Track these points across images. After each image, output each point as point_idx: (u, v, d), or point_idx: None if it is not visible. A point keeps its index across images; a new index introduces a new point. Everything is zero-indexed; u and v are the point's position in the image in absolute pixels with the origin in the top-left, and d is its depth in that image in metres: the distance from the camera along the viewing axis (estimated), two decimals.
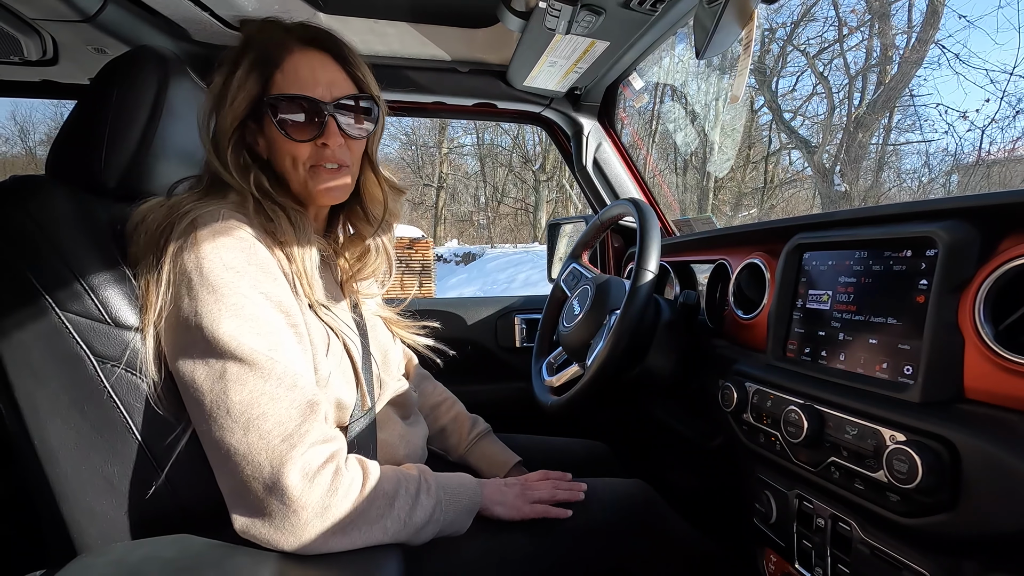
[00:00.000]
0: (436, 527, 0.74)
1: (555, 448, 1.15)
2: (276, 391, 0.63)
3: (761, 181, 12.52)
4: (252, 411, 0.61)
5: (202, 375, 0.62)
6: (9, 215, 0.68)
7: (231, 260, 0.65)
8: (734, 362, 0.88)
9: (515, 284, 10.27)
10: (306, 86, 0.74)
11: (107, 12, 1.01)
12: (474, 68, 1.45)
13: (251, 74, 0.73)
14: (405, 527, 0.69)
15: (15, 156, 17.79)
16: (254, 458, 0.61)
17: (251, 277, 0.66)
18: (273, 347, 0.64)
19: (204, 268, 0.64)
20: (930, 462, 0.54)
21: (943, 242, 0.59)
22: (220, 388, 0.61)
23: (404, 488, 0.71)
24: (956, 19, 11.62)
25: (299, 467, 0.61)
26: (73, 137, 0.78)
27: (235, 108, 0.73)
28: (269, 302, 0.66)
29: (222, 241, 0.66)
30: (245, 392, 0.62)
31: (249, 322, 0.64)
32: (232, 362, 0.62)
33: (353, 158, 0.80)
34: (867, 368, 0.67)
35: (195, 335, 0.63)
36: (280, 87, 0.73)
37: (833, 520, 0.71)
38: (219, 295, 0.63)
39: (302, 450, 0.62)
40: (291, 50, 0.74)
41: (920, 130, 10.53)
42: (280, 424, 0.62)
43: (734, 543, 0.99)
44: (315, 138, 0.74)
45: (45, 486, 0.67)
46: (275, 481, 0.60)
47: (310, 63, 0.75)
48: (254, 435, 0.61)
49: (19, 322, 0.66)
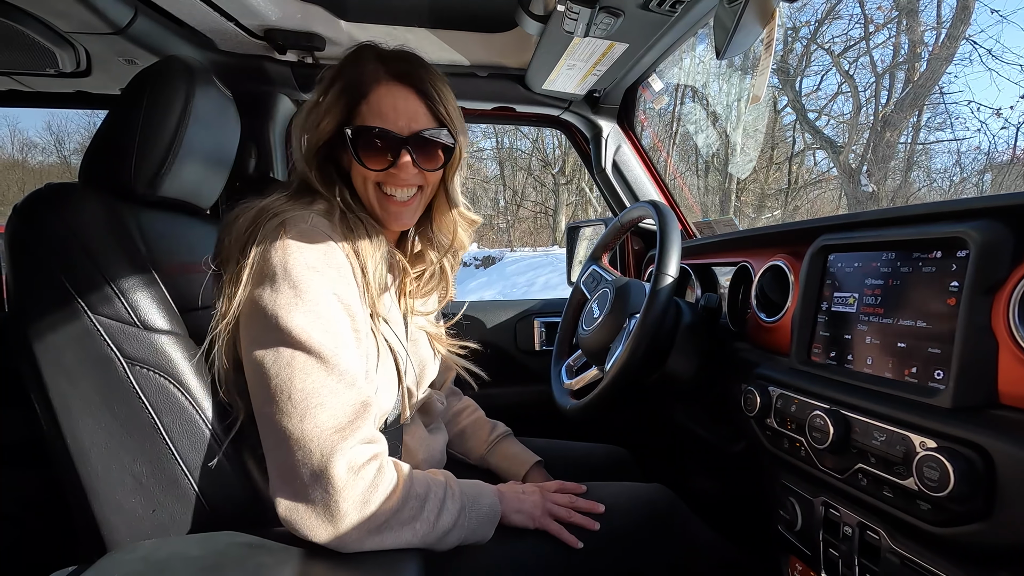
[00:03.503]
0: (461, 533, 0.75)
1: (576, 453, 1.15)
2: (336, 386, 0.67)
3: (785, 182, 12.31)
4: (312, 400, 0.65)
5: (271, 360, 0.66)
6: (44, 221, 0.70)
7: (313, 260, 0.70)
8: (757, 366, 0.87)
9: (535, 287, 10.25)
10: (387, 119, 0.78)
11: (137, 24, 1.05)
12: (493, 72, 1.46)
13: (339, 101, 0.79)
14: (433, 530, 0.71)
15: (51, 165, 18.41)
16: (306, 444, 0.64)
17: (328, 278, 0.70)
18: (338, 345, 0.68)
19: (288, 264, 0.68)
20: (963, 470, 0.52)
21: (975, 242, 0.57)
22: (287, 375, 0.65)
23: (433, 492, 0.73)
24: (988, 14, 11.25)
25: (346, 459, 0.65)
26: (105, 145, 0.80)
27: (322, 129, 0.79)
28: (340, 304, 0.71)
29: (307, 242, 0.71)
30: (308, 382, 0.65)
31: (322, 320, 0.68)
32: (301, 352, 0.66)
33: (427, 185, 0.84)
34: (895, 372, 0.65)
35: (271, 324, 0.67)
36: (363, 117, 0.79)
37: (861, 528, 0.69)
38: (298, 291, 0.68)
39: (351, 444, 0.65)
40: (379, 83, 0.79)
41: (951, 128, 10.23)
42: (335, 417, 0.65)
43: (758, 550, 0.97)
44: (387, 168, 0.79)
45: (77, 484, 0.69)
46: (323, 469, 0.64)
47: (393, 97, 0.79)
48: (310, 423, 0.64)
49: (53, 325, 0.68)
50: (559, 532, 0.83)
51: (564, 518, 0.84)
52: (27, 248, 0.71)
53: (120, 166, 0.78)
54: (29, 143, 19.47)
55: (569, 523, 0.84)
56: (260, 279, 0.69)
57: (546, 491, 0.88)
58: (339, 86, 0.79)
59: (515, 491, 0.86)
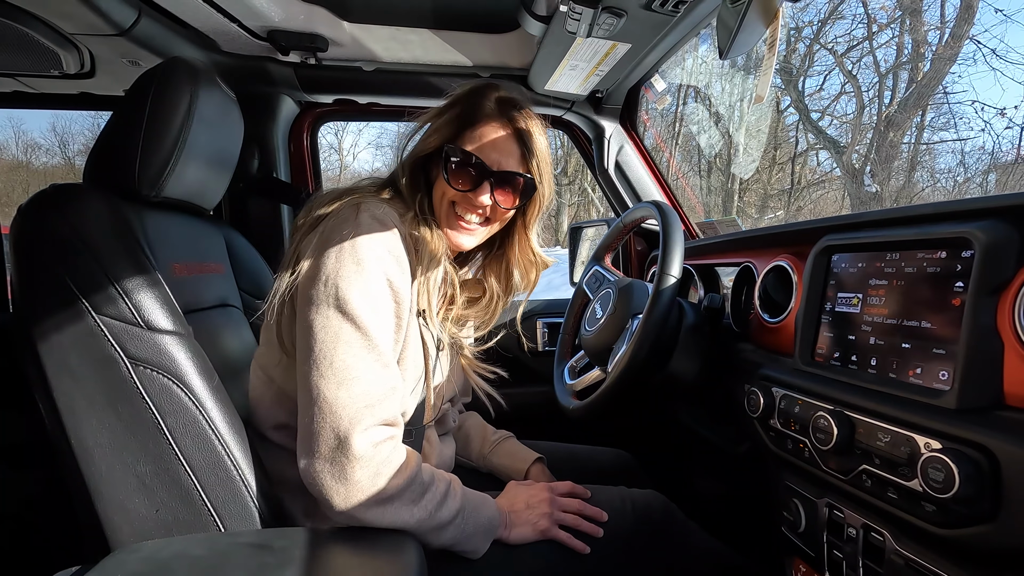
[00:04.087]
0: (456, 532, 0.76)
1: (580, 456, 1.15)
2: (374, 364, 0.72)
3: (788, 182, 12.28)
4: (351, 372, 0.70)
5: (320, 326, 0.71)
6: (49, 221, 0.71)
7: (377, 242, 0.76)
8: (760, 366, 0.86)
9: (537, 288, 10.25)
10: (483, 151, 0.85)
11: (141, 25, 1.05)
12: (495, 73, 1.46)
13: (451, 123, 0.86)
14: (430, 518, 0.74)
15: (55, 166, 18.47)
16: (337, 411, 0.69)
17: (387, 263, 0.76)
18: (382, 327, 0.75)
19: (357, 242, 0.74)
20: (968, 471, 0.52)
21: (980, 242, 0.57)
22: (332, 343, 0.71)
23: (436, 484, 0.77)
24: (992, 13, 11.19)
25: (369, 433, 0.70)
26: (109, 146, 0.81)
27: (428, 142, 0.87)
28: (391, 290, 0.76)
29: (377, 225, 0.77)
30: (351, 354, 0.71)
31: (372, 299, 0.74)
32: (349, 325, 0.71)
33: (495, 220, 0.90)
34: (900, 373, 0.65)
35: (329, 292, 0.72)
36: (464, 142, 0.86)
37: (865, 530, 0.68)
38: (360, 267, 0.73)
39: (375, 421, 0.71)
40: (488, 119, 0.86)
41: (955, 128, 10.17)
42: (367, 393, 0.71)
43: (762, 551, 0.97)
44: (467, 191, 0.85)
45: (81, 484, 0.69)
46: (347, 436, 0.68)
47: (495, 133, 0.86)
48: (344, 392, 0.69)
49: (57, 325, 0.68)
50: (567, 540, 0.84)
51: (572, 525, 0.85)
52: (31, 249, 0.71)
53: (124, 167, 0.79)
54: (33, 144, 19.51)
55: (576, 530, 0.84)
56: (327, 246, 0.74)
57: (556, 492, 0.89)
58: (456, 111, 0.87)
59: (515, 506, 0.86)
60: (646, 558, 0.87)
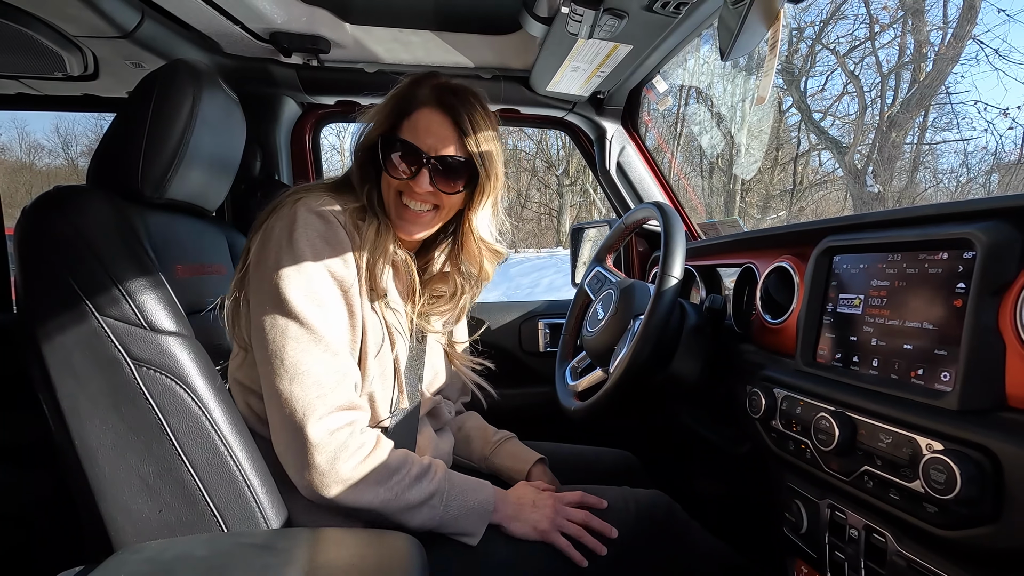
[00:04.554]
0: (431, 513, 0.79)
1: (581, 456, 1.15)
2: (322, 355, 0.76)
3: (790, 183, 12.26)
4: (300, 366, 0.74)
5: (269, 326, 0.75)
6: (53, 223, 0.71)
7: (315, 235, 0.78)
8: (762, 367, 0.86)
9: (539, 289, 10.24)
10: (418, 138, 0.85)
11: (144, 28, 1.05)
12: (497, 74, 1.46)
13: (388, 116, 0.88)
14: (396, 499, 0.77)
15: (58, 167, 18.51)
16: (292, 404, 0.74)
17: (324, 253, 0.78)
18: (328, 318, 0.77)
19: (294, 236, 0.77)
20: (970, 472, 0.52)
21: (982, 244, 0.57)
22: (281, 341, 0.75)
23: (407, 468, 0.80)
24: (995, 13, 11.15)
25: (324, 422, 0.74)
26: (112, 148, 0.81)
27: (369, 135, 0.89)
28: (334, 280, 0.79)
29: (313, 219, 0.79)
30: (298, 350, 0.75)
31: (314, 294, 0.77)
32: (294, 322, 0.75)
33: (444, 207, 0.89)
34: (901, 374, 0.65)
35: (272, 292, 0.76)
36: (402, 131, 0.87)
37: (867, 531, 0.68)
38: (298, 263, 0.76)
39: (329, 409, 0.75)
40: (422, 106, 0.86)
41: (958, 128, 10.15)
42: (318, 384, 0.75)
43: (763, 552, 0.97)
44: (407, 179, 0.85)
45: (84, 484, 0.69)
46: (302, 427, 0.73)
47: (430, 120, 0.86)
48: (297, 386, 0.74)
49: (61, 326, 0.69)
50: (566, 548, 0.83)
51: (574, 535, 0.84)
52: (35, 250, 0.71)
53: (127, 169, 0.79)
54: (37, 146, 19.56)
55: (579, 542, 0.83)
56: (266, 245, 0.78)
57: (562, 501, 0.87)
58: (394, 101, 0.88)
59: (521, 500, 0.86)
60: (649, 558, 0.87)
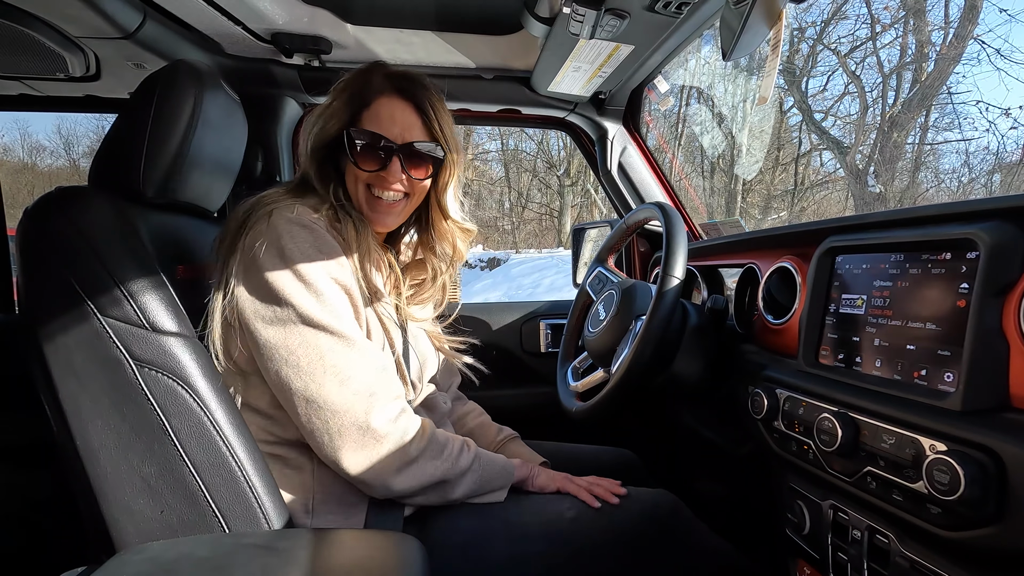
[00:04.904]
0: (476, 478, 0.85)
1: (583, 456, 1.15)
2: (358, 357, 0.78)
3: (791, 183, 12.25)
4: (343, 372, 0.76)
5: (298, 343, 0.75)
6: (54, 223, 0.71)
7: (306, 247, 0.77)
8: (764, 368, 0.86)
9: (540, 289, 10.25)
10: (383, 127, 0.86)
11: (145, 29, 1.06)
12: (498, 75, 1.46)
13: (346, 107, 0.87)
14: (453, 467, 0.82)
15: (60, 168, 18.57)
16: (350, 406, 0.76)
17: (323, 263, 0.78)
18: (345, 323, 0.79)
19: (286, 254, 0.76)
20: (973, 473, 0.52)
21: (985, 244, 0.57)
22: (316, 353, 0.75)
23: (451, 439, 0.85)
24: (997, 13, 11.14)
25: (385, 411, 0.78)
26: (114, 149, 0.81)
27: (327, 131, 0.87)
28: (338, 286, 0.79)
29: (297, 230, 0.78)
30: (337, 357, 0.76)
31: (328, 304, 0.77)
32: (324, 333, 0.76)
33: (414, 194, 0.91)
34: (904, 375, 0.64)
35: (288, 312, 0.75)
36: (364, 123, 0.86)
37: (870, 532, 0.68)
38: (302, 280, 0.76)
39: (385, 402, 0.78)
40: (382, 94, 0.87)
41: (959, 128, 10.13)
42: (366, 383, 0.77)
43: (766, 553, 0.96)
44: (378, 170, 0.86)
45: (86, 485, 0.69)
46: (367, 423, 0.76)
47: (392, 108, 0.87)
48: (348, 389, 0.76)
49: (63, 327, 0.69)
50: (578, 492, 0.90)
51: (586, 486, 0.91)
52: (37, 251, 0.71)
53: (129, 169, 0.79)
54: (39, 146, 19.64)
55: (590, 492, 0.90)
56: (255, 263, 0.76)
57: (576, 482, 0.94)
58: (347, 94, 0.87)
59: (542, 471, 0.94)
60: (654, 558, 0.86)
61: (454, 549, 0.80)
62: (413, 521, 0.84)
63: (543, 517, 0.85)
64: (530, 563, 0.81)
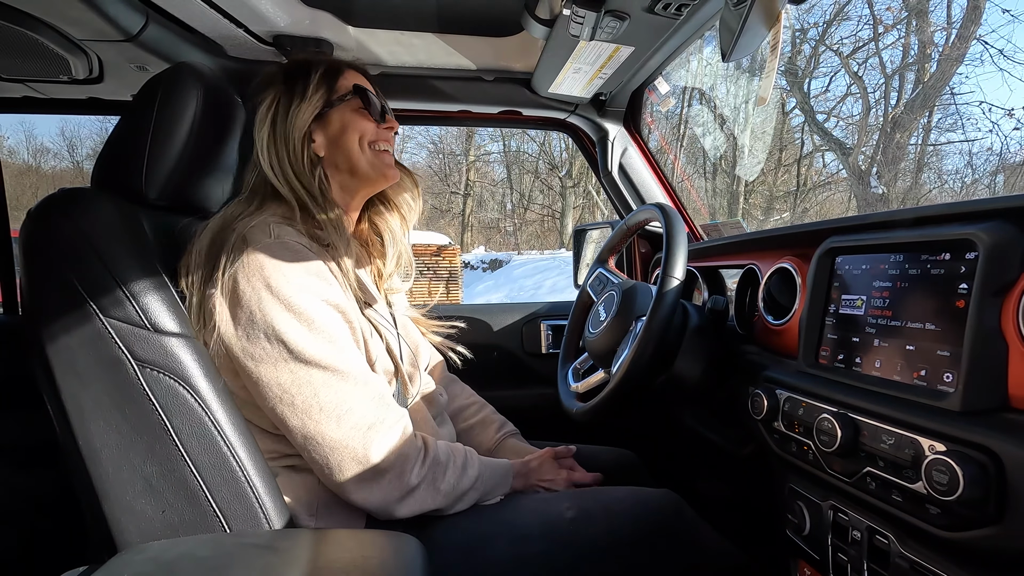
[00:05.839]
0: (475, 494, 0.85)
1: (583, 456, 1.15)
2: (355, 389, 0.76)
3: (794, 184, 12.24)
4: (341, 407, 0.74)
5: (289, 381, 0.73)
6: (57, 225, 0.71)
7: (292, 274, 0.74)
8: (764, 369, 0.86)
9: (542, 290, 10.25)
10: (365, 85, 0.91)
11: (148, 31, 1.06)
12: (499, 76, 1.46)
13: (323, 80, 0.88)
14: (453, 490, 0.82)
15: (63, 170, 18.68)
16: (348, 442, 0.74)
17: (313, 288, 0.75)
18: (343, 350, 0.76)
19: (272, 285, 0.73)
20: (972, 473, 0.52)
21: (984, 244, 0.57)
22: (310, 391, 0.73)
23: (453, 458, 0.84)
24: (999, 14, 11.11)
25: (384, 445, 0.76)
26: (117, 151, 0.81)
27: (305, 112, 0.86)
28: (330, 307, 0.77)
29: (280, 253, 0.75)
30: (332, 393, 0.74)
31: (322, 333, 0.75)
32: (317, 369, 0.74)
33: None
34: (904, 375, 0.64)
35: (278, 348, 0.73)
36: (345, 88, 0.89)
37: (870, 533, 0.68)
38: (293, 311, 0.73)
39: (384, 431, 0.77)
40: (344, 67, 0.92)
41: (962, 129, 10.11)
42: (364, 416, 0.75)
43: (766, 554, 0.96)
44: (383, 116, 0.91)
45: (88, 485, 0.70)
46: (367, 458, 0.75)
47: (360, 76, 0.93)
48: (346, 425, 0.74)
49: (65, 327, 0.69)
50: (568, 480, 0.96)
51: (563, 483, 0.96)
52: (40, 251, 0.72)
53: (131, 171, 0.80)
54: (43, 148, 19.76)
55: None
56: (238, 295, 0.73)
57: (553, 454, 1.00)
58: (320, 70, 0.88)
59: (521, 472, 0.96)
60: (655, 557, 0.86)
61: (454, 549, 0.80)
62: (414, 521, 0.84)
63: (544, 517, 0.85)
64: (531, 563, 0.81)
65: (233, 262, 0.74)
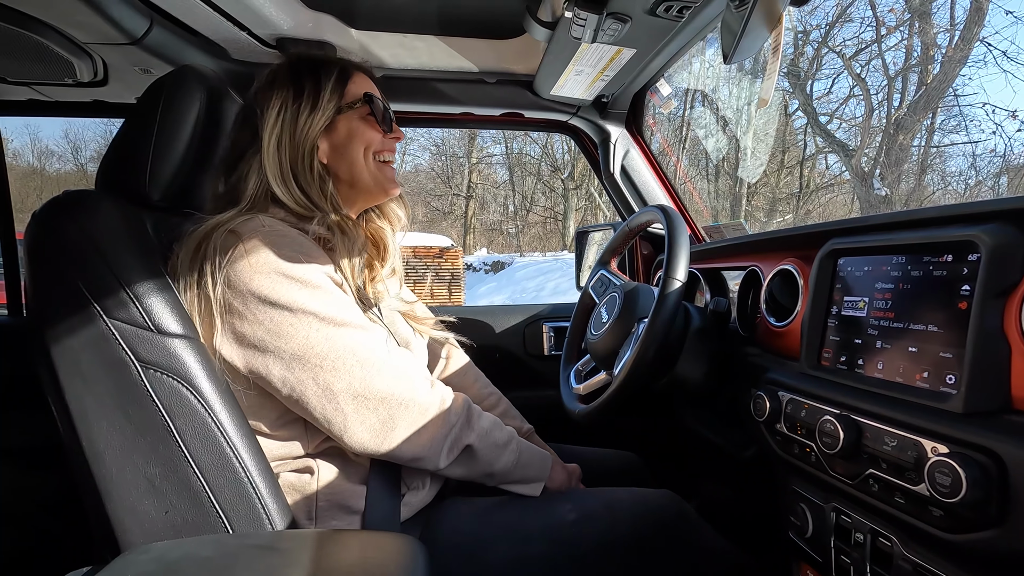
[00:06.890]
0: (512, 457, 0.87)
1: (587, 458, 1.15)
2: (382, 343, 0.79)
3: (796, 186, 12.22)
4: (379, 361, 0.76)
5: (326, 347, 0.74)
6: (62, 227, 0.72)
7: (294, 253, 0.75)
8: (766, 370, 0.86)
9: (544, 292, 10.26)
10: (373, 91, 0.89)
11: (152, 34, 1.07)
12: (501, 78, 1.47)
13: (337, 85, 0.86)
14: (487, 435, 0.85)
15: (68, 172, 18.78)
16: (396, 389, 0.76)
17: (316, 264, 0.77)
18: (359, 312, 0.80)
19: (282, 268, 0.73)
20: (975, 475, 0.52)
21: (986, 246, 0.57)
22: (348, 348, 0.75)
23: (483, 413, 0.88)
24: (1003, 15, 11.09)
25: (423, 385, 0.80)
26: (121, 153, 0.82)
27: (318, 122, 0.84)
28: (334, 282, 0.79)
29: (277, 240, 0.75)
30: (368, 350, 0.76)
31: (340, 301, 0.77)
32: (349, 329, 0.76)
33: None
34: (906, 377, 0.64)
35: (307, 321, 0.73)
36: (356, 94, 0.87)
37: (873, 535, 0.68)
38: (311, 284, 0.75)
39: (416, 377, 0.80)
40: (353, 70, 0.90)
41: (966, 131, 10.10)
42: (398, 365, 0.78)
43: (769, 557, 0.96)
44: (390, 126, 0.90)
45: (92, 486, 0.70)
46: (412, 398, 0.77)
47: (366, 80, 0.91)
48: (388, 374, 0.76)
49: (70, 329, 0.69)
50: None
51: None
52: (45, 254, 0.72)
53: (135, 173, 0.80)
54: (47, 151, 19.89)
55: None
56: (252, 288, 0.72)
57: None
58: (333, 76, 0.86)
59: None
60: (657, 559, 0.86)
61: (455, 550, 0.80)
62: (414, 522, 0.84)
63: (545, 518, 0.85)
64: (532, 564, 0.81)
65: (227, 256, 0.73)
